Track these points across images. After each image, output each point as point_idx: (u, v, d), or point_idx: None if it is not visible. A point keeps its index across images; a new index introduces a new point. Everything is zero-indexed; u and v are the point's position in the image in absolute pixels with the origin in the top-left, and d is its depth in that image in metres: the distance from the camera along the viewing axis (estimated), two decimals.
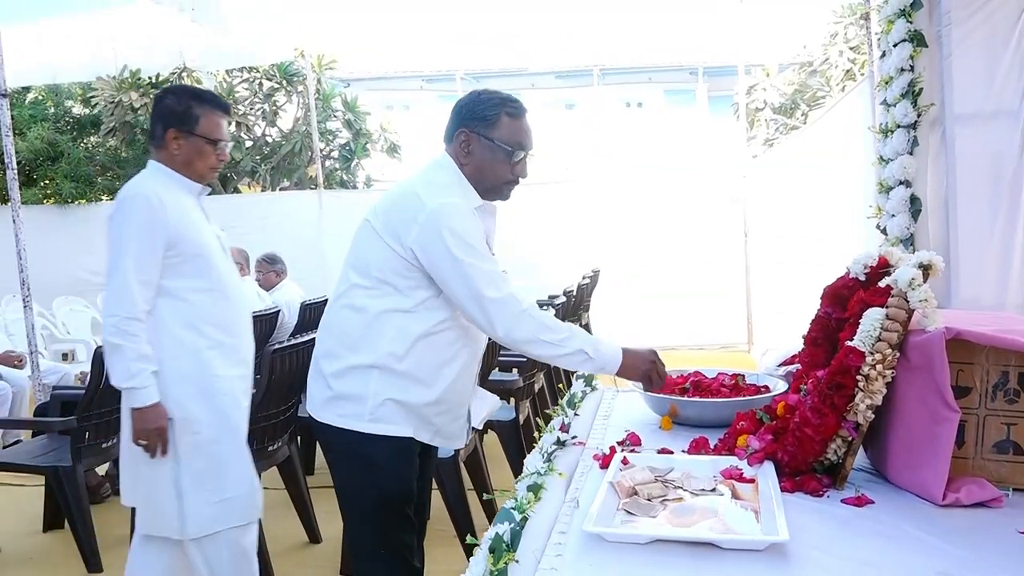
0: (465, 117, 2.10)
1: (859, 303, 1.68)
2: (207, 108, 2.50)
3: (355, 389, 2.04)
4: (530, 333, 1.98)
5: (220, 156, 2.54)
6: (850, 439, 1.63)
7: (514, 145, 2.08)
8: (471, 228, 1.99)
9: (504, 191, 2.15)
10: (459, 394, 2.13)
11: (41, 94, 10.47)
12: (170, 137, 2.46)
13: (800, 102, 11.80)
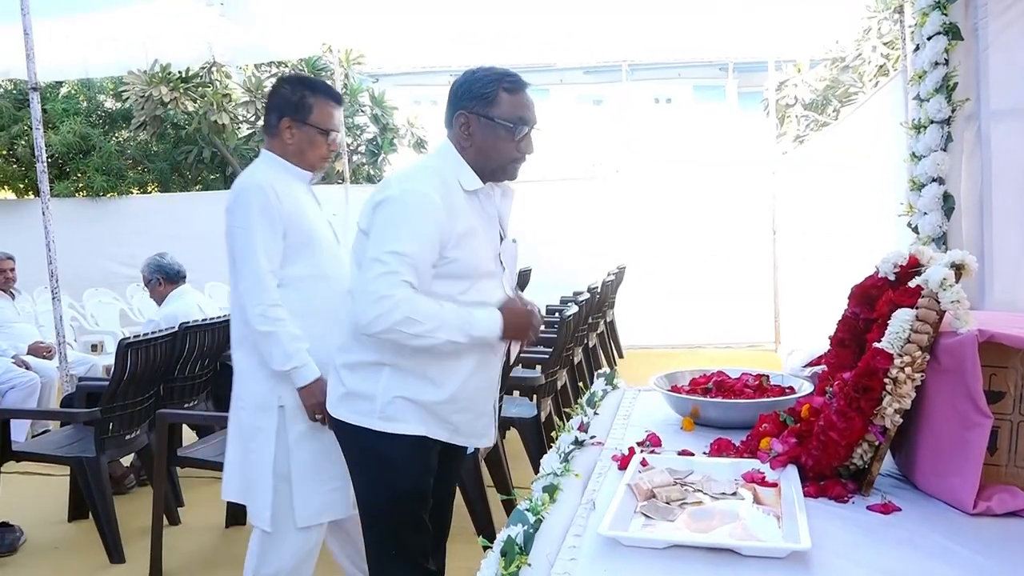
0: (462, 98, 2.03)
1: (888, 303, 1.63)
2: (320, 98, 2.50)
3: (366, 385, 2.03)
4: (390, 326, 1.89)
5: (331, 146, 2.55)
6: (877, 444, 1.58)
7: (515, 121, 2.02)
8: (418, 217, 1.92)
9: (510, 170, 2.09)
10: (476, 391, 2.10)
11: (74, 88, 10.60)
12: (284, 126, 2.49)
13: (832, 98, 11.62)
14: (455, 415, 2.07)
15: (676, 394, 2.17)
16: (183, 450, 3.60)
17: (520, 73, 2.15)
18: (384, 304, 1.87)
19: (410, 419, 2.01)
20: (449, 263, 1.97)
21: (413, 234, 1.91)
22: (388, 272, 1.89)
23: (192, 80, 9.44)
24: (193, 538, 3.83)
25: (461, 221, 1.97)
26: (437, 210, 1.93)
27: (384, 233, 1.93)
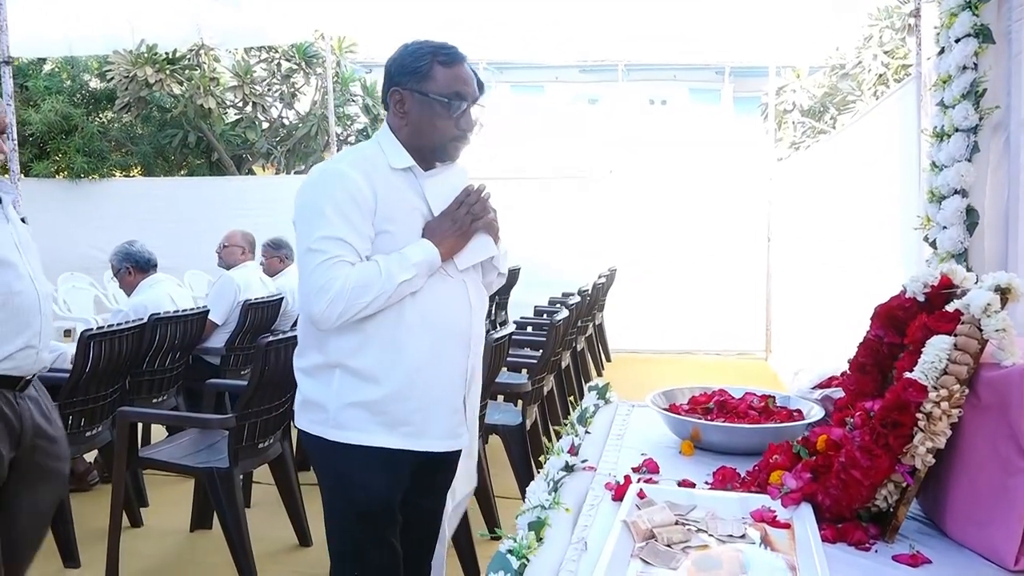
0: (395, 75, 1.92)
1: (921, 328, 1.46)
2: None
3: (319, 392, 1.91)
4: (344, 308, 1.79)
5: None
6: (904, 486, 1.41)
7: (452, 96, 1.90)
8: (340, 195, 1.81)
9: (451, 149, 1.96)
10: (431, 384, 1.92)
11: (57, 66, 10.33)
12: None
13: (830, 105, 11.49)
14: (410, 413, 1.90)
15: (675, 415, 2.00)
16: (146, 450, 3.41)
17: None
18: (329, 291, 1.78)
19: (365, 427, 1.87)
20: (381, 235, 1.88)
21: (338, 212, 1.81)
22: (325, 259, 1.80)
23: (179, 62, 9.20)
24: (155, 541, 3.63)
25: (389, 197, 1.88)
26: (356, 185, 1.83)
27: (310, 221, 1.84)
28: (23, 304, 2.23)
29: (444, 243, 1.91)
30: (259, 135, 9.98)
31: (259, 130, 10.05)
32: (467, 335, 1.98)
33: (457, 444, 2.02)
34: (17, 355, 2.23)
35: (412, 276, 1.84)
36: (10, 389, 2.27)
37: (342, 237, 1.81)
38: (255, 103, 9.64)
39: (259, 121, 10.13)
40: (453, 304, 1.96)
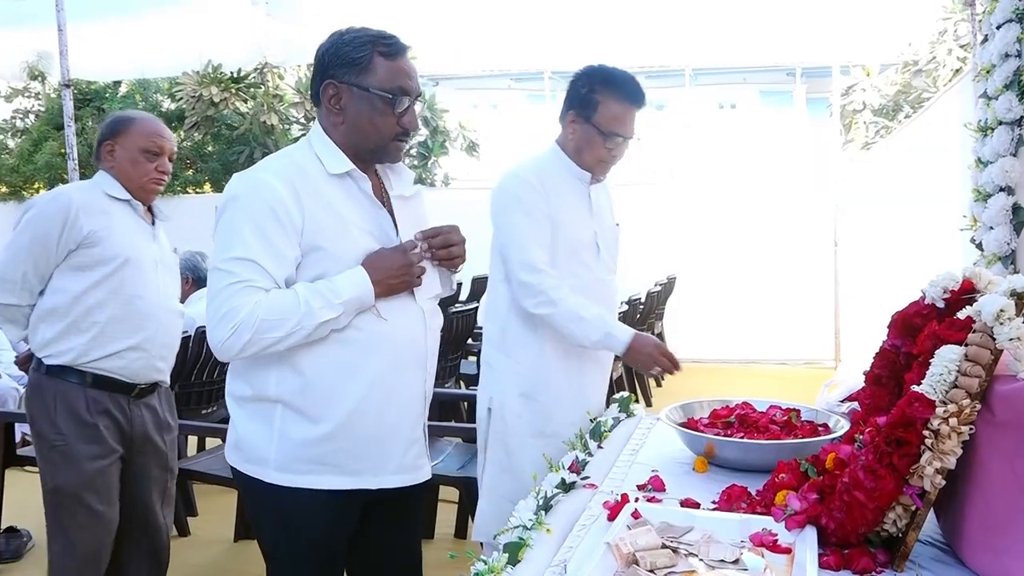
0: (329, 66, 1.71)
1: (931, 338, 1.34)
2: (611, 96, 2.32)
3: (256, 428, 1.71)
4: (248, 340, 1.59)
5: (614, 151, 2.37)
6: (914, 509, 1.29)
7: (395, 91, 1.70)
8: (257, 210, 1.62)
9: (391, 150, 1.77)
10: (386, 416, 1.73)
11: (131, 88, 10.74)
12: (568, 119, 2.39)
13: (904, 104, 11.07)
14: (363, 448, 1.71)
15: (688, 430, 1.90)
16: (186, 462, 3.46)
17: None
18: (232, 319, 1.59)
19: (312, 469, 1.68)
20: (314, 252, 1.67)
21: (255, 231, 1.61)
22: (233, 283, 1.60)
23: (243, 80, 9.45)
24: (201, 550, 3.68)
25: (320, 209, 1.67)
26: (278, 197, 1.62)
27: (226, 237, 1.64)
28: (142, 308, 2.39)
29: (384, 284, 1.69)
30: None
31: None
32: (423, 356, 1.80)
33: (416, 478, 1.84)
34: (126, 354, 2.36)
35: (337, 315, 1.64)
36: (124, 394, 2.41)
37: (254, 259, 1.61)
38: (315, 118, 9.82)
39: None
40: (406, 322, 1.77)
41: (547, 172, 2.35)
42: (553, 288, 2.23)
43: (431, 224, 1.86)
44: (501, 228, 2.33)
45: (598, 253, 2.42)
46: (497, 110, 21.68)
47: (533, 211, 2.28)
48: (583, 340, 2.26)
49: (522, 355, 2.33)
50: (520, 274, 2.25)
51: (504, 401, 2.32)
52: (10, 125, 12.42)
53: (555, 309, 2.23)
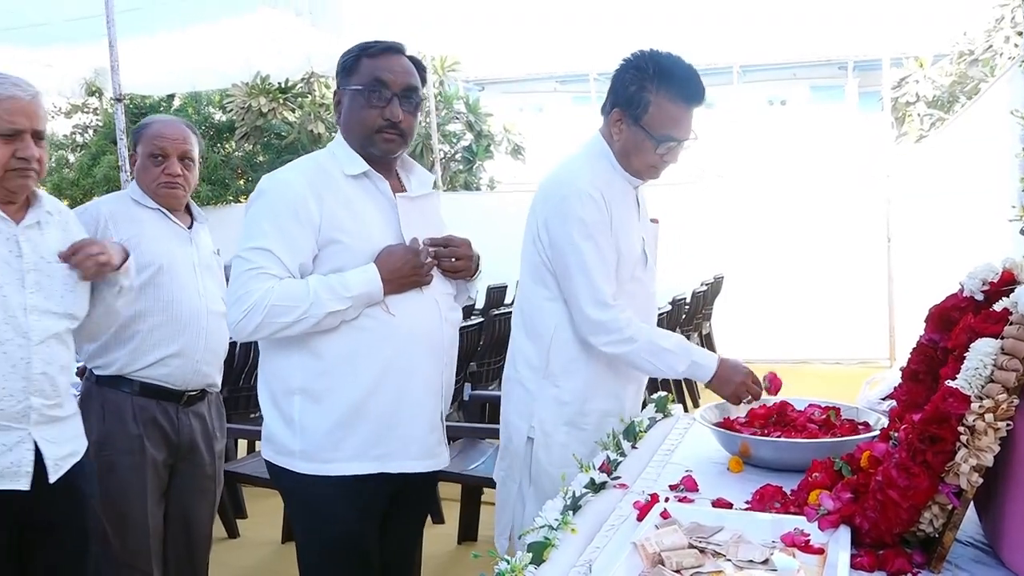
0: (337, 76, 1.91)
1: (966, 331, 1.30)
2: (664, 96, 2.00)
3: (281, 419, 1.83)
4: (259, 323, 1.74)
5: (666, 156, 2.07)
6: (951, 508, 1.25)
7: (371, 83, 1.82)
8: (279, 206, 1.78)
9: (378, 141, 1.84)
10: (404, 402, 1.82)
11: (184, 101, 11.01)
12: (614, 118, 2.06)
13: (959, 94, 10.75)
14: (382, 433, 1.80)
15: (722, 429, 1.87)
16: (233, 464, 3.52)
17: None
18: (246, 302, 1.72)
19: (334, 456, 1.78)
20: (332, 245, 1.79)
21: (274, 224, 1.76)
22: (248, 268, 1.75)
23: (290, 91, 9.62)
24: (249, 552, 3.75)
25: (339, 206, 1.80)
26: (299, 195, 1.77)
27: (249, 229, 1.79)
28: (181, 314, 2.36)
29: (393, 282, 1.79)
30: None
31: None
32: (439, 346, 1.88)
33: (436, 464, 1.92)
34: (169, 361, 2.34)
35: (345, 308, 1.74)
36: (173, 402, 2.40)
37: (270, 249, 1.74)
38: None
39: None
40: (422, 313, 1.85)
41: (603, 180, 2.05)
42: (627, 324, 1.98)
43: (441, 224, 1.98)
44: (562, 252, 2.01)
45: (646, 264, 2.19)
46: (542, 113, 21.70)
47: (598, 234, 2.00)
48: (666, 373, 2.07)
49: (567, 384, 2.08)
50: (589, 310, 1.98)
51: (548, 431, 2.08)
52: (70, 140, 12.85)
53: (633, 346, 1.98)
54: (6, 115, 1.79)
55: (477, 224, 7.18)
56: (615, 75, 2.05)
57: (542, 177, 2.15)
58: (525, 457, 2.10)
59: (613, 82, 2.06)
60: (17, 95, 1.82)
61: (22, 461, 1.83)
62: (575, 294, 2.00)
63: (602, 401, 2.11)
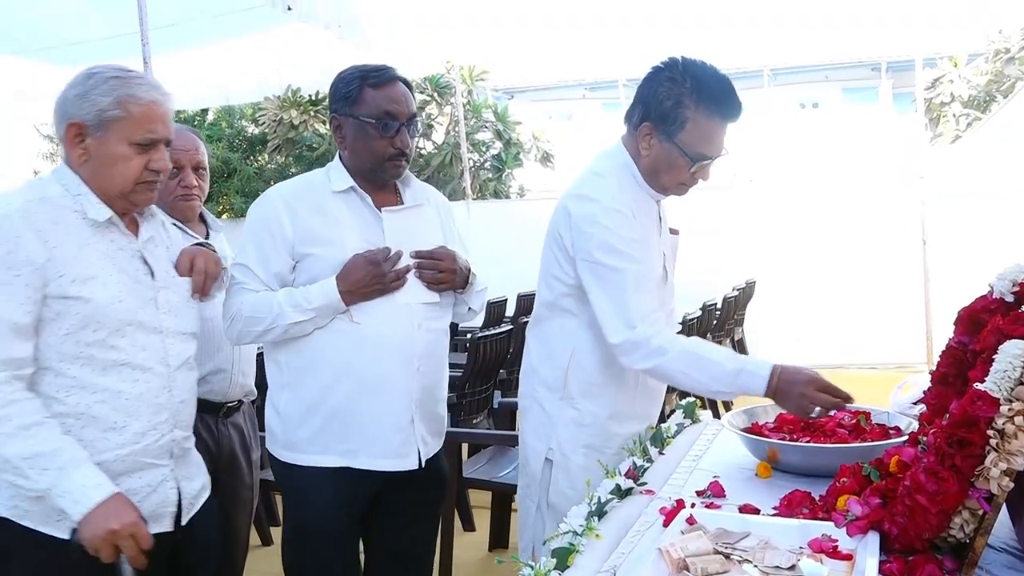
0: (332, 103, 2.01)
1: (994, 332, 1.28)
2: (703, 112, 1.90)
3: (272, 414, 2.02)
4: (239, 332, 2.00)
5: (699, 174, 1.98)
6: (982, 513, 1.23)
7: (382, 116, 1.92)
8: (257, 223, 1.96)
9: (389, 168, 1.98)
10: (372, 405, 1.93)
11: (217, 115, 11.20)
12: (643, 132, 1.96)
13: (996, 94, 10.57)
14: (351, 432, 1.93)
15: (750, 435, 1.86)
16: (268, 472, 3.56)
17: None
18: (229, 312, 1.95)
19: (309, 448, 1.95)
20: (307, 258, 1.94)
21: (252, 241, 1.95)
22: (233, 283, 1.96)
23: (321, 103, 9.73)
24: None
25: (316, 220, 1.94)
26: (275, 213, 1.93)
27: (239, 246, 2.01)
28: (215, 329, 2.31)
29: (353, 292, 1.90)
30: None
31: None
32: (410, 354, 1.95)
33: (401, 465, 1.98)
34: (210, 378, 2.34)
35: (309, 318, 1.89)
36: (212, 415, 2.38)
37: (248, 265, 1.94)
38: None
39: None
40: (393, 320, 1.94)
41: (629, 195, 1.97)
42: (656, 334, 1.86)
43: (432, 234, 2.06)
44: (590, 270, 1.92)
45: (666, 280, 2.11)
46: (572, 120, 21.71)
47: (628, 250, 1.91)
48: (709, 386, 1.89)
49: (587, 406, 2.00)
50: (617, 330, 1.88)
51: (567, 454, 2.01)
52: None
53: (664, 358, 1.84)
54: (146, 122, 1.62)
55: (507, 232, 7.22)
56: (645, 85, 1.94)
57: (566, 190, 2.06)
58: (543, 479, 2.05)
59: (643, 93, 1.94)
60: (157, 100, 1.64)
61: (167, 501, 1.70)
62: (604, 314, 1.90)
63: (628, 425, 2.05)
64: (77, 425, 1.57)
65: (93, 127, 1.58)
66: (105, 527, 1.46)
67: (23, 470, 1.46)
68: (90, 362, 1.57)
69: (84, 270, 1.57)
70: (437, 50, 8.70)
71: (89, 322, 1.56)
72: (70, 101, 1.59)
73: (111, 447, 1.59)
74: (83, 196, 1.60)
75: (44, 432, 1.48)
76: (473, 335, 4.06)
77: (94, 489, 1.48)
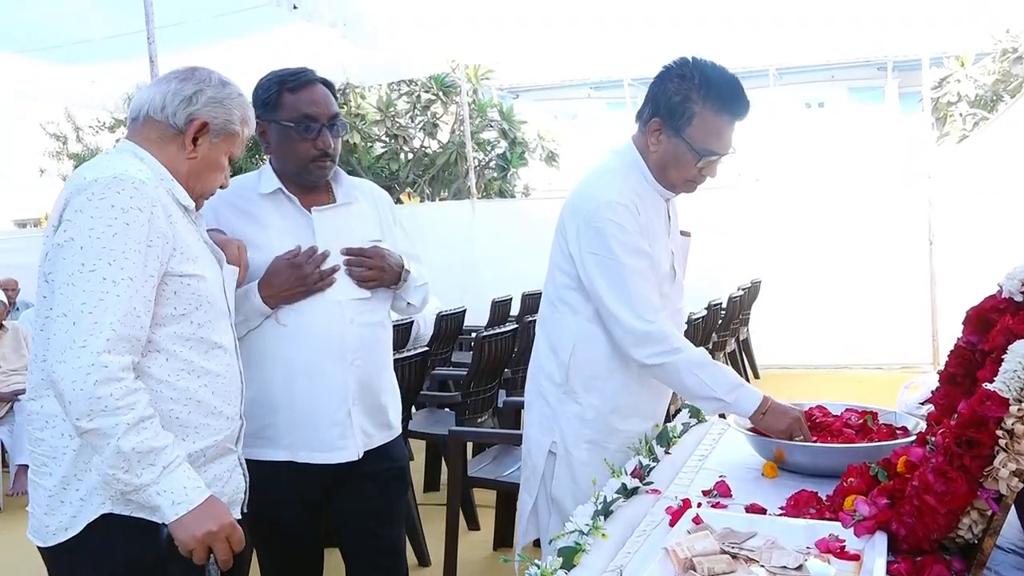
0: (256, 110, 1.95)
1: (1004, 333, 1.27)
2: (710, 108, 1.92)
3: None
4: None
5: (706, 170, 2.00)
6: (990, 514, 1.22)
7: (301, 119, 1.95)
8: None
9: (314, 170, 1.99)
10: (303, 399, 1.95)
11: None
12: (651, 128, 1.98)
13: (1003, 93, 10.53)
14: (285, 426, 1.95)
15: (756, 435, 1.85)
16: None
17: None
18: None
19: (254, 443, 1.93)
20: None
21: None
22: None
23: None
24: None
25: (248, 223, 1.97)
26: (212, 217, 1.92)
27: None
28: None
29: (275, 296, 1.92)
30: (402, 166, 10.37)
31: (403, 161, 10.44)
32: (341, 348, 1.97)
33: (337, 457, 2.00)
34: None
35: (240, 320, 1.88)
36: None
37: None
38: (397, 135, 10.04)
39: (404, 152, 10.54)
40: (323, 318, 1.96)
41: (635, 192, 1.98)
42: (673, 334, 1.92)
43: (366, 230, 2.09)
44: (598, 265, 1.95)
45: (674, 279, 2.12)
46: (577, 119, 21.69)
47: (636, 244, 1.94)
48: (706, 391, 1.91)
49: (588, 401, 2.03)
50: (632, 322, 1.90)
51: (569, 449, 2.04)
52: None
53: (679, 356, 1.89)
54: (243, 144, 1.73)
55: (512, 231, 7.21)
56: (655, 83, 1.98)
57: (573, 187, 2.09)
58: (545, 472, 2.08)
59: (653, 90, 1.98)
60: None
61: (239, 487, 1.71)
62: (614, 307, 1.92)
63: (632, 421, 2.06)
64: (184, 411, 1.54)
65: (215, 132, 1.63)
66: (204, 529, 1.44)
67: (132, 464, 1.39)
68: (198, 345, 1.58)
69: (191, 249, 1.58)
70: (442, 49, 8.70)
71: (201, 303, 1.57)
72: (205, 101, 1.61)
73: (212, 432, 1.59)
74: (167, 181, 1.61)
75: (154, 426, 1.44)
76: (478, 334, 4.06)
77: (194, 491, 1.45)
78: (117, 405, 1.37)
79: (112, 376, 1.38)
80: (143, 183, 1.49)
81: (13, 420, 4.85)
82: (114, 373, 1.38)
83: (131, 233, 1.44)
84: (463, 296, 6.92)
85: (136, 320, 1.44)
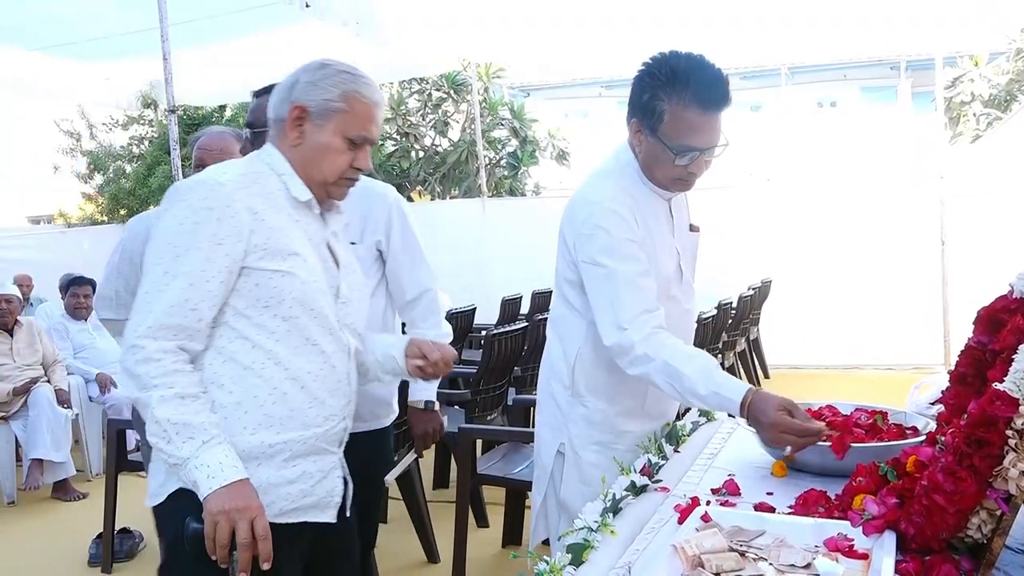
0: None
1: (1014, 333, 1.27)
2: (677, 105, 1.85)
3: None
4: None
5: (691, 167, 1.92)
6: (999, 514, 1.22)
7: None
8: None
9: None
10: None
11: (235, 111, 11.25)
12: (633, 129, 1.94)
13: (1017, 93, 10.46)
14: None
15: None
16: None
17: None
18: None
19: None
20: None
21: None
22: None
23: None
24: None
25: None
26: None
27: None
28: None
29: None
30: (413, 164, 10.38)
31: (414, 159, 10.45)
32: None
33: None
34: None
35: None
36: None
37: None
38: (408, 133, 10.05)
39: (415, 150, 10.55)
40: None
41: (629, 195, 1.95)
42: (642, 341, 1.83)
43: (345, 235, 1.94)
44: (586, 271, 1.94)
45: (681, 279, 2.07)
46: (588, 118, 21.69)
47: (623, 251, 1.90)
48: (690, 401, 1.86)
49: (594, 404, 2.01)
50: (607, 332, 1.89)
51: (577, 450, 2.02)
52: (127, 151, 13.22)
53: (650, 365, 1.82)
54: (364, 120, 1.65)
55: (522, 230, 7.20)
56: (633, 82, 1.90)
57: (574, 190, 2.06)
58: (554, 472, 2.07)
59: (631, 90, 1.92)
60: (378, 103, 1.69)
61: (334, 490, 1.71)
62: (597, 317, 1.92)
63: (639, 423, 2.04)
64: (268, 401, 1.57)
65: (315, 114, 1.61)
66: (230, 504, 1.46)
67: (170, 434, 1.47)
68: (285, 338, 1.59)
69: (288, 244, 1.59)
70: (453, 47, 8.71)
71: (284, 298, 1.58)
72: (300, 86, 1.62)
73: (297, 427, 1.60)
74: (286, 176, 1.64)
75: (197, 405, 1.49)
76: (488, 332, 4.07)
77: (231, 469, 1.48)
78: (154, 382, 1.47)
79: (149, 357, 1.48)
80: (220, 185, 1.55)
81: (27, 414, 4.88)
82: (151, 354, 1.48)
83: (198, 231, 1.52)
84: (473, 294, 6.93)
85: (190, 312, 1.51)
